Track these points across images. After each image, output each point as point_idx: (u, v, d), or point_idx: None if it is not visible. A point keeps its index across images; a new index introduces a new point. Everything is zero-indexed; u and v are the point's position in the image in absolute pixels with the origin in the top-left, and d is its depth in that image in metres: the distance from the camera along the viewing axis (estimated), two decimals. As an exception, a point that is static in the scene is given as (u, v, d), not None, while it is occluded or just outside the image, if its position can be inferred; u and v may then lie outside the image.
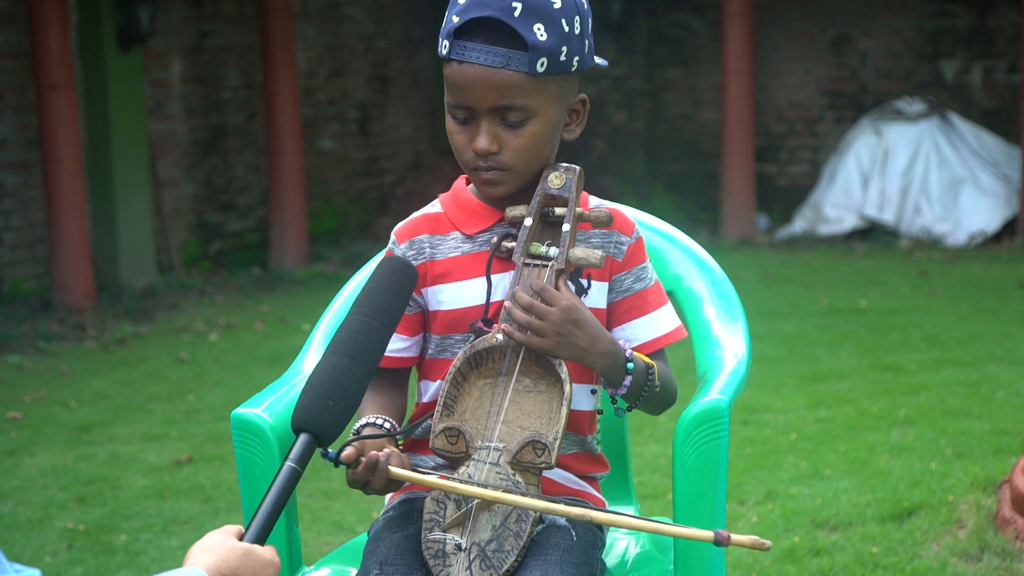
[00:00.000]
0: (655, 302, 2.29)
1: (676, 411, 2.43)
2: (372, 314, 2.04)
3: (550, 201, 2.22)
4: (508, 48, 2.12)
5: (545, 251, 2.19)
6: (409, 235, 2.30)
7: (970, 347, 6.67)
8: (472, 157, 2.19)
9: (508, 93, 2.13)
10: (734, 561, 3.95)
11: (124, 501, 4.81)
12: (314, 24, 11.03)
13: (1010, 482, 4.13)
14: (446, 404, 2.16)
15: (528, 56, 2.12)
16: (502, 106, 2.15)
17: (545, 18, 2.12)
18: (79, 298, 8.37)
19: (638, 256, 2.29)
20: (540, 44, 2.12)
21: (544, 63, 2.13)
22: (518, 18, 2.11)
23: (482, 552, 2.10)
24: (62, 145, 8.28)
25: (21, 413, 6.07)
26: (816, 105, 11.58)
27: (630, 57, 12.11)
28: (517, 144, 2.17)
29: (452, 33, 2.15)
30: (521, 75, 2.13)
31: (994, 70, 11.00)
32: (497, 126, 2.17)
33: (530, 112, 2.16)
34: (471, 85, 2.14)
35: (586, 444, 2.33)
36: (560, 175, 2.22)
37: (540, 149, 2.19)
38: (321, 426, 1.96)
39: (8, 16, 8.54)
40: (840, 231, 10.58)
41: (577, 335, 2.13)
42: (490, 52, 2.13)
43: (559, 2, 2.14)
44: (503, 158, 2.18)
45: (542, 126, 2.18)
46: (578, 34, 2.16)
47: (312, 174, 10.80)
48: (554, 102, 2.18)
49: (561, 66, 2.15)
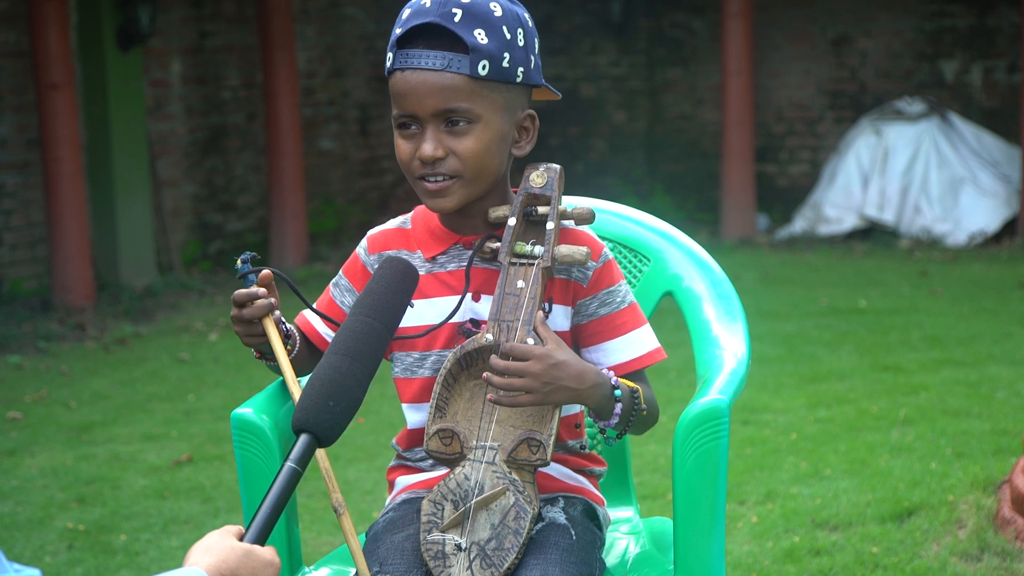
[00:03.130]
0: (627, 324, 2.26)
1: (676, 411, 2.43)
2: (373, 315, 2.05)
3: (532, 200, 2.23)
4: (449, 51, 2.12)
5: (530, 250, 2.19)
6: (380, 247, 2.32)
7: (970, 347, 6.67)
8: (418, 166, 2.17)
9: (451, 96, 2.13)
10: (734, 561, 3.95)
11: (124, 501, 4.81)
12: (314, 24, 11.03)
13: (1010, 482, 4.13)
14: (438, 406, 2.17)
15: (469, 58, 2.11)
16: (445, 109, 2.13)
17: (485, 24, 2.12)
18: (79, 298, 8.37)
19: (605, 279, 2.26)
20: (481, 47, 2.11)
21: (486, 66, 2.12)
22: (458, 23, 2.11)
23: (482, 551, 2.11)
24: (62, 145, 8.28)
25: (21, 413, 6.08)
26: (816, 105, 11.58)
27: (630, 57, 12.11)
28: (463, 148, 2.15)
29: (395, 44, 2.15)
30: (463, 77, 2.12)
31: (994, 70, 11.00)
32: (442, 132, 2.15)
33: (474, 116, 2.14)
34: (413, 91, 2.14)
35: (568, 447, 2.33)
36: (541, 174, 2.23)
37: (488, 156, 2.17)
38: (322, 426, 1.96)
39: (8, 16, 8.54)
40: (840, 231, 10.58)
41: (562, 378, 2.10)
42: (431, 56, 2.13)
43: (500, 11, 2.14)
44: (450, 164, 2.16)
45: (488, 133, 2.16)
46: (521, 46, 2.16)
47: (312, 174, 10.80)
48: (499, 111, 2.16)
49: (504, 72, 2.14)
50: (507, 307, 2.17)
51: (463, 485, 2.13)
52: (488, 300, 2.23)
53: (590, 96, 12.27)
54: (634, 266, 2.64)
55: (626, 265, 2.64)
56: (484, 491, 2.13)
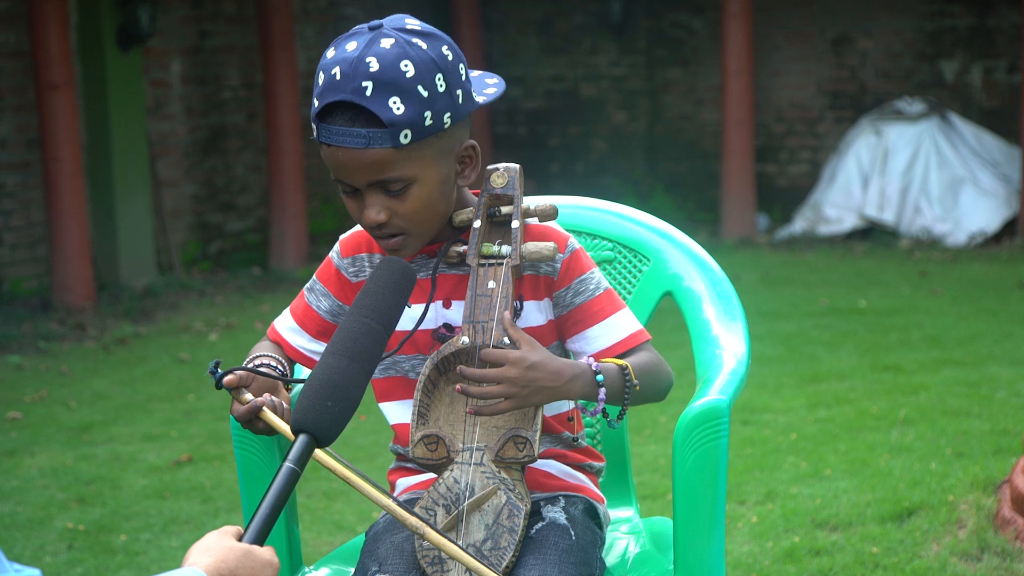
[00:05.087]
0: (605, 310, 2.26)
1: (676, 411, 2.43)
2: (370, 315, 2.05)
3: (495, 201, 2.23)
4: (367, 127, 2.08)
5: (497, 250, 2.20)
6: (352, 251, 2.32)
7: (970, 347, 6.67)
8: (367, 224, 2.18)
9: (379, 169, 2.11)
10: (734, 561, 3.95)
11: (124, 501, 4.81)
12: (314, 24, 11.03)
13: (1010, 482, 4.13)
14: (420, 413, 2.17)
15: (388, 132, 2.08)
16: (378, 181, 2.13)
17: (399, 91, 2.07)
18: (79, 298, 8.37)
19: (575, 269, 2.26)
20: (397, 119, 2.07)
21: (408, 134, 2.09)
22: (370, 97, 2.06)
23: (479, 552, 2.11)
24: (62, 145, 8.28)
25: (21, 413, 6.08)
26: (816, 105, 11.58)
27: (630, 57, 12.11)
28: (405, 210, 2.15)
29: (316, 117, 2.13)
30: (386, 151, 2.09)
31: (994, 70, 11.00)
32: (382, 195, 2.15)
33: (408, 179, 2.13)
34: (342, 167, 2.12)
35: (562, 440, 2.33)
36: (501, 174, 2.24)
37: (431, 208, 2.17)
38: (320, 427, 1.96)
39: (8, 16, 8.55)
40: (840, 231, 10.57)
41: (540, 378, 2.11)
42: (350, 134, 2.09)
43: (411, 70, 2.07)
44: (395, 224, 2.16)
45: (426, 189, 2.15)
46: (443, 91, 2.10)
47: (312, 174, 10.80)
48: (433, 163, 2.14)
49: (428, 131, 2.10)
50: (480, 308, 2.17)
51: (453, 488, 2.14)
52: (459, 306, 2.23)
53: (590, 96, 12.27)
54: (634, 266, 2.64)
55: (626, 265, 2.64)
56: (475, 492, 2.13)
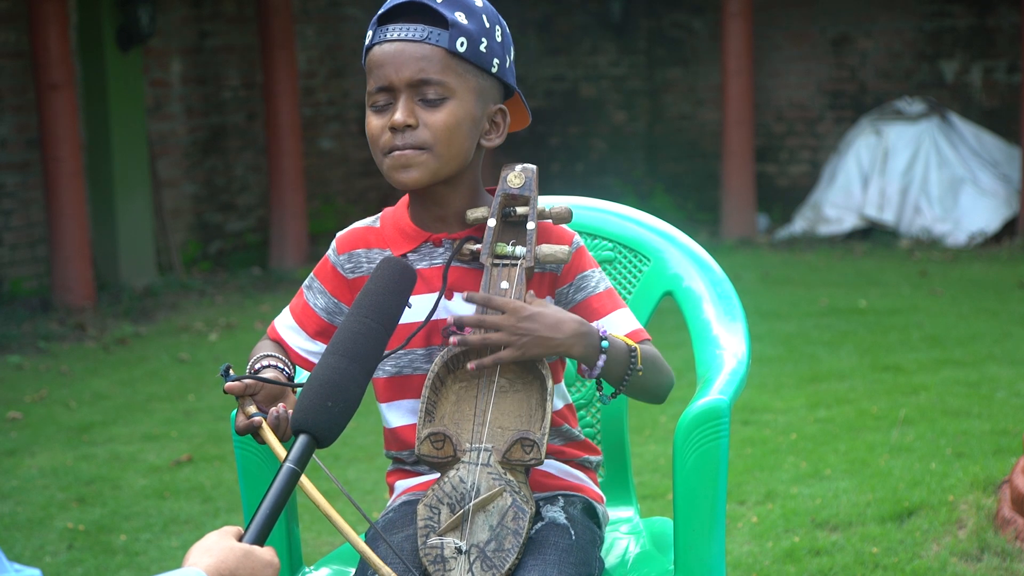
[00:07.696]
0: (605, 307, 2.25)
1: (676, 411, 2.43)
2: (370, 315, 2.05)
3: (511, 201, 2.23)
4: (429, 26, 2.15)
5: (511, 250, 2.20)
6: (348, 247, 2.33)
7: (970, 347, 6.67)
8: (388, 138, 2.18)
9: (427, 66, 2.14)
10: (734, 561, 3.95)
11: (124, 501, 4.81)
12: (314, 24, 11.03)
13: (1010, 482, 4.13)
14: (427, 410, 2.17)
15: (448, 33, 2.14)
16: (421, 80, 2.15)
17: (466, 9, 2.17)
18: (79, 298, 8.37)
19: (577, 266, 2.26)
20: (460, 24, 2.15)
21: (464, 43, 2.15)
22: (440, 2, 2.16)
23: (482, 553, 2.11)
24: (62, 145, 8.29)
25: (21, 413, 6.08)
26: (816, 105, 11.58)
27: (630, 57, 12.11)
28: (435, 120, 2.16)
29: (376, 22, 2.19)
30: (440, 50, 2.14)
31: (994, 70, 11.00)
32: (416, 105, 2.16)
33: (448, 90, 2.16)
34: (391, 60, 2.15)
35: (562, 432, 2.33)
36: (519, 175, 2.24)
37: (459, 133, 2.17)
38: (320, 427, 1.96)
39: (8, 16, 8.55)
40: (840, 231, 10.57)
41: (537, 329, 2.11)
42: (411, 28, 2.16)
43: (481, 3, 2.19)
44: (420, 135, 2.16)
45: (461, 110, 2.17)
46: (499, 41, 2.20)
47: (312, 174, 10.80)
48: (473, 94, 2.18)
49: (480, 57, 2.16)
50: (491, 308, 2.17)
51: (459, 488, 2.13)
52: (461, 297, 2.22)
53: (590, 96, 12.27)
54: (634, 266, 2.64)
55: (626, 265, 2.64)
56: (481, 493, 2.12)
